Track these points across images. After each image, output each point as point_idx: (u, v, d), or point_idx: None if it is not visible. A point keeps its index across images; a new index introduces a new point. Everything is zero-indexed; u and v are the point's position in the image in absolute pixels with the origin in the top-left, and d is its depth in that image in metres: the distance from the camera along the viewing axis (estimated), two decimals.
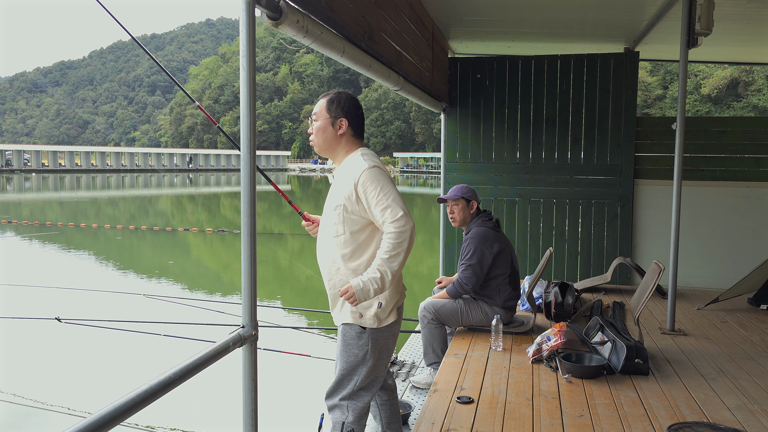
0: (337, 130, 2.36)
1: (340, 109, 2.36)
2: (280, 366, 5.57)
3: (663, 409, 2.67)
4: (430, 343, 3.74)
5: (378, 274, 2.17)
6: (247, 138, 1.79)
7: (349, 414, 2.34)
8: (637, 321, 3.46)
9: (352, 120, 2.37)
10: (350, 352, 2.35)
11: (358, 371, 2.35)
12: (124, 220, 22.99)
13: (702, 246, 5.68)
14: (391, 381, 2.71)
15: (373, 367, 2.36)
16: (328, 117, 2.36)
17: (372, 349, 2.34)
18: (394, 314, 2.38)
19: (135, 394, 1.35)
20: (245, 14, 1.76)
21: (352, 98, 2.41)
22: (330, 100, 2.38)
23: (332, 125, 2.36)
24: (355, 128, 2.39)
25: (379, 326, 2.33)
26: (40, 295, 8.53)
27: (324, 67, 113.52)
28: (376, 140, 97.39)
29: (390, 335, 2.40)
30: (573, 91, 5.81)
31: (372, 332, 2.33)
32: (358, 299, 2.19)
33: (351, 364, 2.35)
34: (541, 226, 5.97)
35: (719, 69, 59.01)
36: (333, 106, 2.36)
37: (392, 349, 2.46)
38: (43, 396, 5.43)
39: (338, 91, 2.43)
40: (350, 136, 2.38)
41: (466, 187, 3.87)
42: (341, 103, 2.37)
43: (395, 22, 3.68)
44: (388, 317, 2.35)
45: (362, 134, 2.44)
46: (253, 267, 1.80)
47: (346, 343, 2.36)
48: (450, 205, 3.88)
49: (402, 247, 2.18)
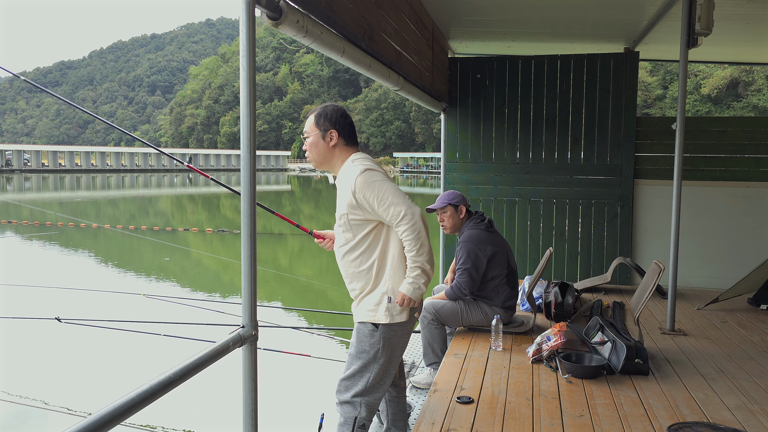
0: (329, 142, 2.43)
1: (328, 122, 2.42)
2: (280, 366, 5.57)
3: (663, 409, 2.67)
4: (429, 344, 3.74)
5: (417, 270, 2.33)
6: (247, 138, 1.79)
7: (361, 410, 2.43)
8: (637, 321, 3.46)
9: (342, 130, 2.43)
10: (362, 349, 2.44)
11: (370, 368, 2.43)
12: (124, 220, 22.98)
13: (702, 246, 5.68)
14: (402, 381, 2.78)
15: (385, 364, 2.44)
16: (318, 131, 2.43)
17: (384, 348, 2.42)
18: (407, 313, 2.44)
19: (135, 394, 1.35)
20: (245, 14, 1.76)
21: (338, 109, 2.47)
22: (317, 115, 2.45)
23: (323, 138, 2.43)
24: (346, 137, 2.45)
25: (391, 322, 2.41)
26: (40, 295, 8.54)
27: (324, 67, 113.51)
28: (376, 140, 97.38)
29: (403, 334, 2.48)
30: (573, 91, 5.81)
31: (384, 331, 2.41)
32: (414, 299, 2.36)
33: (364, 362, 2.43)
34: (541, 226, 5.97)
35: (719, 69, 59.01)
36: (321, 120, 2.43)
37: (404, 348, 2.53)
38: (43, 396, 5.43)
39: (324, 105, 2.49)
40: (343, 146, 2.45)
41: (452, 193, 3.88)
42: (328, 115, 2.43)
43: (395, 22, 3.67)
44: (401, 314, 2.42)
45: (355, 141, 2.50)
46: (253, 267, 1.80)
47: (359, 340, 2.45)
48: (439, 214, 3.88)
49: (420, 237, 2.30)
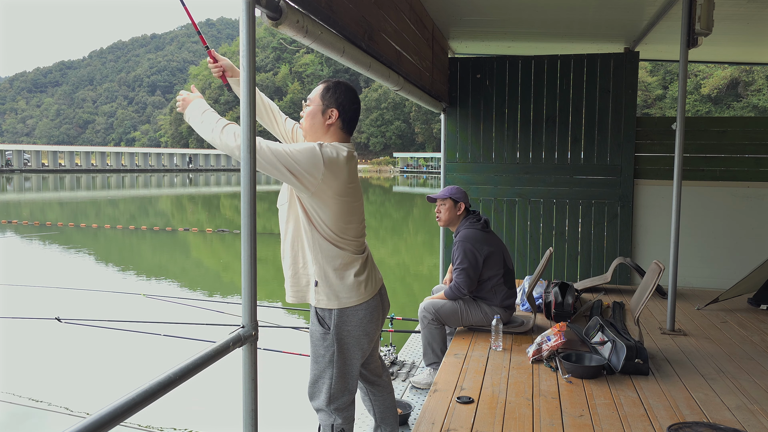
0: (326, 119, 2.24)
1: (334, 100, 2.24)
2: (280, 366, 5.57)
3: (663, 409, 2.67)
4: (429, 344, 3.75)
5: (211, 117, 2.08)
6: (247, 138, 1.79)
7: (334, 416, 2.29)
8: (637, 321, 3.46)
9: (344, 113, 2.25)
10: (317, 353, 2.28)
11: (327, 374, 2.26)
12: (124, 220, 22.98)
13: (702, 246, 5.68)
14: (386, 378, 2.60)
15: (342, 367, 2.26)
16: (321, 104, 2.25)
17: (339, 350, 2.24)
18: (357, 298, 2.22)
19: (135, 394, 1.35)
20: (245, 14, 1.75)
21: (350, 90, 2.28)
22: (327, 87, 2.26)
23: (322, 113, 2.24)
24: (345, 122, 2.26)
25: (327, 307, 2.20)
26: (40, 295, 8.54)
27: (324, 67, 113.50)
28: (376, 140, 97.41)
29: (361, 334, 2.26)
30: (573, 91, 5.81)
31: (336, 332, 2.22)
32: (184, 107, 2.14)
33: (321, 367, 2.28)
34: (541, 226, 5.97)
35: (719, 69, 59.03)
36: (328, 94, 2.25)
37: (365, 346, 2.30)
38: (43, 396, 5.43)
39: (338, 80, 2.30)
40: (338, 128, 2.26)
41: (456, 188, 3.89)
42: (337, 93, 2.25)
43: (395, 22, 3.67)
44: (347, 299, 2.20)
45: (352, 129, 2.30)
46: (253, 267, 1.80)
47: (313, 344, 2.29)
48: (438, 204, 3.89)
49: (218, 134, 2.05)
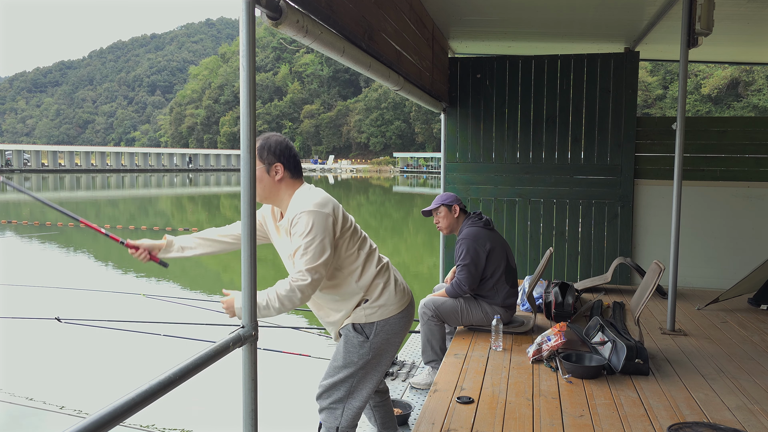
0: (274, 176, 2.24)
1: (272, 155, 2.24)
2: (280, 366, 5.57)
3: (663, 409, 2.67)
4: (428, 341, 3.75)
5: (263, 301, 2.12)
6: (247, 138, 1.78)
7: (342, 419, 2.32)
8: (637, 321, 3.46)
9: (287, 162, 2.25)
10: (349, 358, 2.33)
11: (355, 376, 2.33)
12: (124, 220, 22.97)
13: (702, 246, 5.68)
14: (383, 384, 2.71)
15: (371, 373, 2.35)
16: (263, 165, 2.23)
17: (373, 358, 2.34)
18: (394, 309, 2.35)
19: (135, 394, 1.35)
20: (245, 14, 1.75)
21: (282, 140, 2.28)
22: (260, 147, 2.23)
23: (267, 173, 2.24)
24: (292, 170, 2.27)
25: (368, 321, 2.32)
26: (40, 295, 8.53)
27: (324, 67, 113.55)
28: (376, 140, 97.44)
29: (397, 342, 2.40)
30: (573, 91, 5.81)
31: (375, 340, 2.33)
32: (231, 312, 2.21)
33: (349, 370, 2.33)
34: (541, 226, 5.97)
35: (719, 69, 59.04)
36: (264, 152, 2.23)
37: (390, 358, 2.42)
38: (43, 396, 5.42)
39: (265, 136, 2.29)
40: (289, 178, 2.26)
41: (444, 195, 3.93)
42: (272, 148, 2.24)
43: (395, 22, 3.67)
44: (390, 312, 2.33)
45: (300, 174, 2.32)
46: (253, 267, 1.80)
47: (347, 350, 2.34)
48: (434, 216, 3.94)
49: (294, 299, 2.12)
